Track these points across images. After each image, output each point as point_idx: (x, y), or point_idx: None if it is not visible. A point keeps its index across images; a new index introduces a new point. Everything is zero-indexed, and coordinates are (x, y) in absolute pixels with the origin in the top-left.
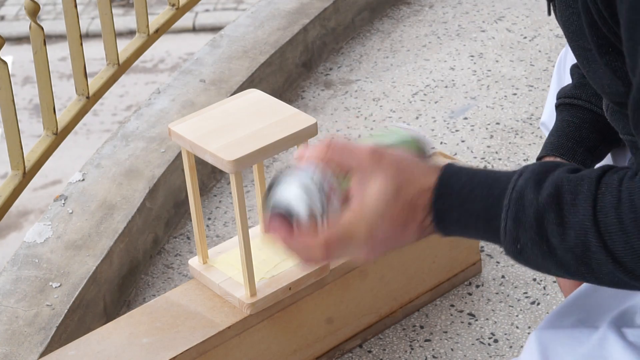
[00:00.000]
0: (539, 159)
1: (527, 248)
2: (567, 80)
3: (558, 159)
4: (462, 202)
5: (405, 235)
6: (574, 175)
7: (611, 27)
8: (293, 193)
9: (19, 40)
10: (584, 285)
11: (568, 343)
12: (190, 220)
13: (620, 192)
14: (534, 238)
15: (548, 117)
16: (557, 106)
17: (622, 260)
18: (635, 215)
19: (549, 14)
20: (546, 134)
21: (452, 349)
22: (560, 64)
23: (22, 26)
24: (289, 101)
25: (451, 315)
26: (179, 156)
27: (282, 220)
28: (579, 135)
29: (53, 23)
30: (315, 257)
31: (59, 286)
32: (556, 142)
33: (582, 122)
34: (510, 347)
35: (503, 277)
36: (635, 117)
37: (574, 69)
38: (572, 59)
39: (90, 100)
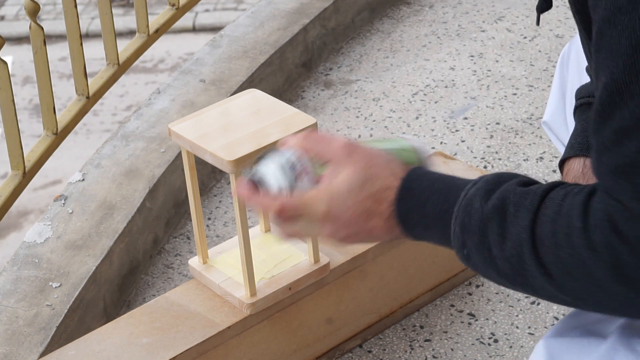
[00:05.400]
0: (562, 161)
1: (473, 254)
2: (570, 78)
3: (584, 160)
4: (422, 205)
5: (370, 226)
6: (521, 189)
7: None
8: (269, 168)
9: (19, 40)
10: None
11: (576, 352)
12: (190, 220)
13: (561, 206)
14: (478, 245)
15: (550, 116)
16: (579, 106)
17: (552, 272)
18: (569, 230)
19: (538, 24)
20: (549, 133)
21: (452, 349)
22: (562, 63)
23: (22, 26)
24: (289, 101)
25: (451, 315)
26: (179, 156)
27: (253, 187)
28: None
29: (53, 23)
30: (271, 213)
31: (59, 286)
32: (584, 142)
33: None
34: (510, 347)
35: None
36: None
37: (589, 69)
38: (575, 58)
39: (90, 100)
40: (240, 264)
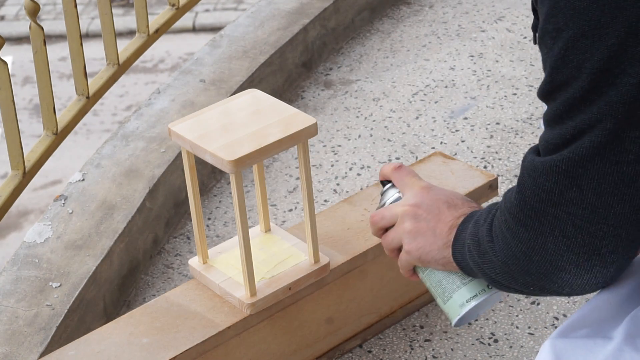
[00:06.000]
0: None
1: (468, 242)
2: None
3: None
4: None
5: (441, 217)
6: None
7: None
8: (384, 197)
9: (19, 40)
10: (597, 298)
11: (583, 353)
12: (190, 220)
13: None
14: (472, 234)
15: None
16: None
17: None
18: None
19: (535, 42)
20: None
21: (452, 349)
22: None
23: (22, 26)
24: (289, 101)
25: None
26: (179, 156)
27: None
28: None
29: (53, 23)
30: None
31: (59, 286)
32: None
33: None
34: (510, 347)
35: None
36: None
37: None
38: None
39: (90, 100)
40: (240, 264)
